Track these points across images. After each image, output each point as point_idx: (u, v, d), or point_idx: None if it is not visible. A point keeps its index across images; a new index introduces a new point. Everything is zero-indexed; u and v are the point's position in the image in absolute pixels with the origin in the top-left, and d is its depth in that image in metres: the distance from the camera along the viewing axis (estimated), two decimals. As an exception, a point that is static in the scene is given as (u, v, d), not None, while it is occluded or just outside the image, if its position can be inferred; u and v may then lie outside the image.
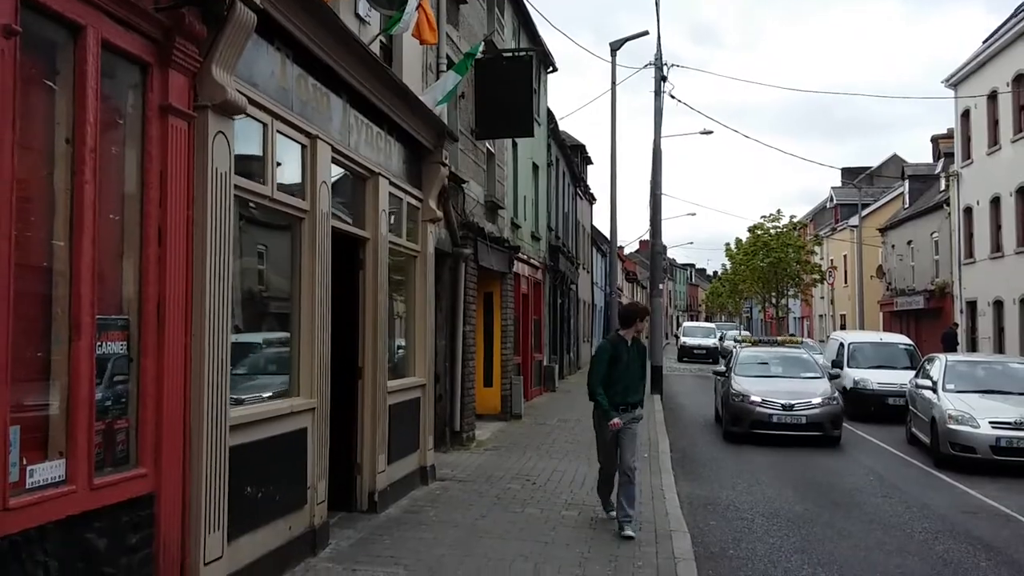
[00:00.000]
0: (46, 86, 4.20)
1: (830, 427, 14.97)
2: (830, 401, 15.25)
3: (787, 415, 14.87)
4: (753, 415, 15.02)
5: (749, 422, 15.04)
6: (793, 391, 15.39)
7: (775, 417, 14.89)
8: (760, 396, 15.17)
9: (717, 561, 7.63)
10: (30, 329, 4.06)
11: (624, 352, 8.29)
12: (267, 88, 6.15)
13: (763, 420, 14.94)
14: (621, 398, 8.16)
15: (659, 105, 25.20)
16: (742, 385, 15.73)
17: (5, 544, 3.74)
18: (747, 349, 19.01)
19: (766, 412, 14.96)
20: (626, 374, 8.24)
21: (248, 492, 5.85)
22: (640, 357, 8.47)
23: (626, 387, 8.23)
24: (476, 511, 8.75)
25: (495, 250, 15.34)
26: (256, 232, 6.84)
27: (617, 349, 8.32)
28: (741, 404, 15.29)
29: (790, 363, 17.51)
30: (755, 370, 16.83)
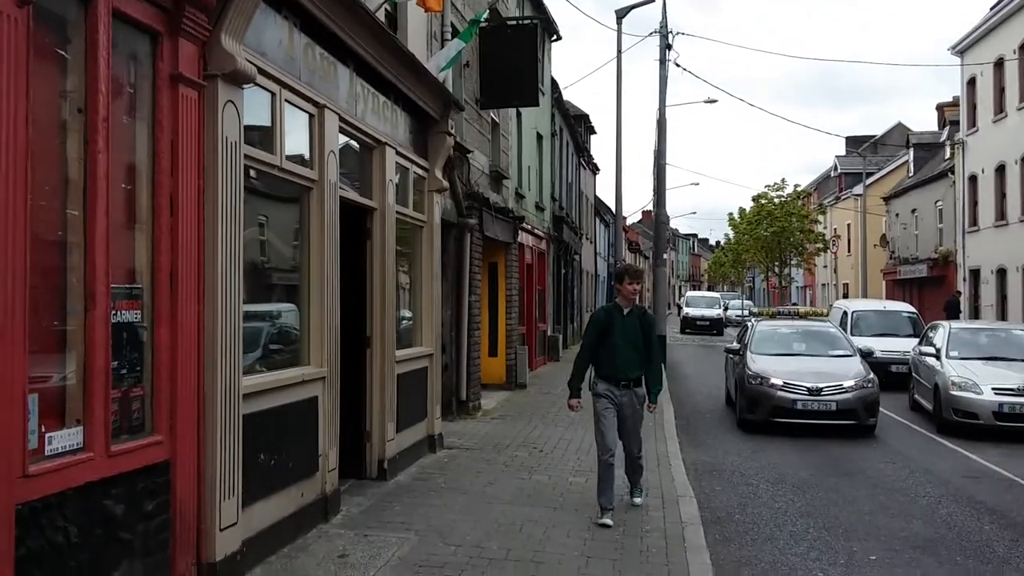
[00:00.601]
0: (58, 55, 4.20)
1: (864, 414, 12.68)
2: (865, 384, 12.87)
3: (814, 401, 12.54)
4: (773, 401, 12.71)
5: (768, 409, 12.75)
6: (820, 372, 13.12)
7: (800, 403, 12.57)
8: (782, 378, 12.83)
9: (723, 525, 7.72)
10: (46, 298, 4.10)
11: (618, 321, 7.47)
12: (275, 57, 6.14)
13: (785, 407, 12.65)
14: (616, 372, 7.41)
15: (664, 74, 25.02)
16: (760, 365, 13.42)
17: (26, 510, 3.79)
18: (765, 323, 16.05)
19: (789, 397, 12.63)
20: (621, 346, 7.40)
21: (261, 459, 5.92)
22: (642, 327, 7.54)
23: (624, 361, 7.41)
24: (484, 478, 8.83)
25: (500, 220, 15.34)
26: (266, 202, 6.86)
27: (610, 317, 7.54)
28: (759, 388, 12.96)
29: (816, 339, 15.04)
30: (775, 347, 14.41)
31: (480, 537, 6.70)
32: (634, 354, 7.45)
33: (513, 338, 17.18)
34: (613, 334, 7.43)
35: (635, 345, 7.45)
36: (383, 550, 6.27)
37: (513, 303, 17.19)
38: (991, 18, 27.67)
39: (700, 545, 6.73)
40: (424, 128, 10.07)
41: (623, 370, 7.42)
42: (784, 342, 14.91)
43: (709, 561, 6.35)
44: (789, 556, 6.87)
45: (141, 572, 4.61)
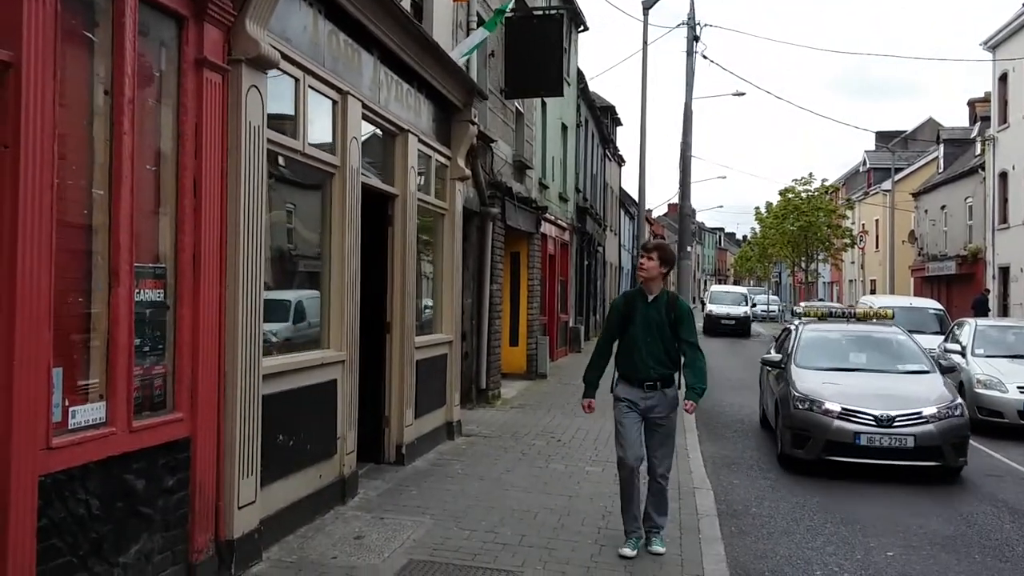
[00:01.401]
0: (87, 39, 4.28)
1: (952, 453, 9.40)
2: (951, 411, 9.58)
3: (883, 434, 9.24)
4: (828, 433, 9.36)
5: (821, 444, 9.38)
6: (890, 395, 9.82)
7: (863, 437, 9.24)
8: (839, 402, 9.54)
9: (740, 518, 7.72)
10: (71, 276, 4.18)
11: (639, 309, 6.24)
12: (299, 43, 6.21)
13: (844, 442, 9.31)
14: (637, 371, 6.21)
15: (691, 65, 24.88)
16: (809, 384, 10.08)
17: (48, 481, 3.89)
18: (812, 327, 12.21)
19: (849, 429, 9.30)
20: (641, 338, 6.19)
21: (280, 440, 6.01)
22: (671, 318, 6.23)
23: (645, 357, 6.17)
24: (502, 465, 8.89)
25: (522, 210, 15.37)
26: (289, 187, 6.94)
27: (630, 305, 6.33)
28: (808, 415, 9.59)
29: (880, 349, 11.51)
30: (827, 360, 11.01)
31: (495, 523, 6.76)
32: (658, 349, 6.18)
33: (534, 328, 17.21)
34: (633, 324, 6.22)
35: (660, 338, 6.19)
36: (398, 533, 6.34)
37: (535, 293, 17.22)
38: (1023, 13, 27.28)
39: (715, 537, 6.75)
40: (447, 116, 10.12)
41: (644, 368, 6.17)
42: (839, 353, 11.40)
43: (723, 552, 6.37)
44: (805, 550, 6.87)
45: (160, 546, 4.71)
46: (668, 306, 6.29)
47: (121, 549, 4.40)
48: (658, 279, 6.29)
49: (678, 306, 6.34)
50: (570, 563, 5.91)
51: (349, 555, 5.84)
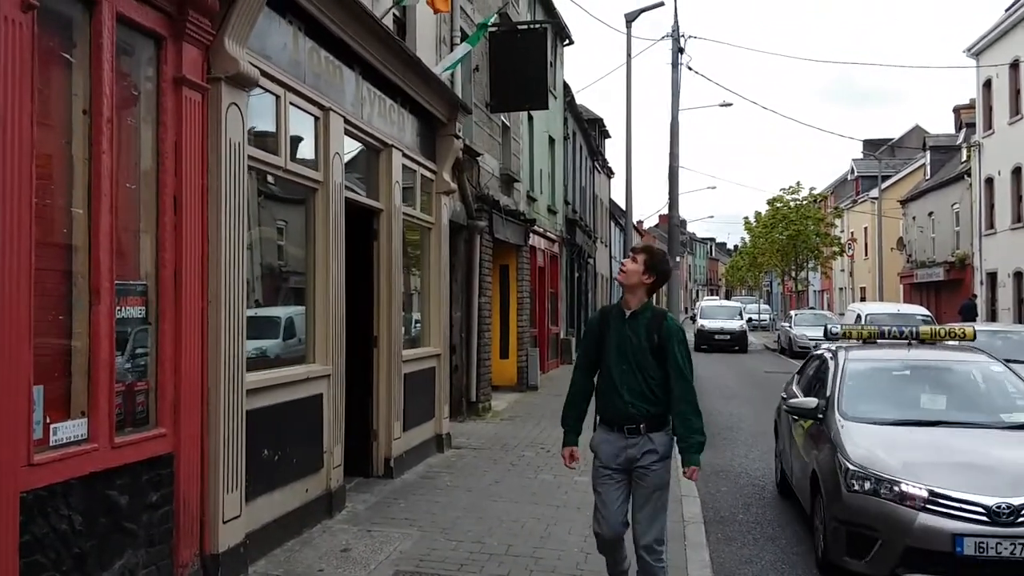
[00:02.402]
0: (63, 59, 4.33)
1: None
2: None
3: (1005, 537, 5.54)
4: (911, 534, 5.73)
5: (898, 552, 5.78)
6: (1004, 466, 6.14)
7: (972, 542, 5.56)
8: (925, 482, 5.85)
9: (726, 525, 7.77)
10: (52, 293, 4.23)
11: (616, 328, 4.87)
12: (280, 61, 6.27)
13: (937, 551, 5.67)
14: (609, 410, 4.86)
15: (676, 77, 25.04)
16: (868, 449, 6.35)
17: (31, 498, 3.91)
18: (858, 354, 8.05)
19: (944, 530, 5.64)
20: (614, 367, 4.81)
21: (265, 454, 6.04)
22: (653, 339, 4.80)
23: (621, 389, 4.78)
24: (490, 477, 8.92)
25: (510, 223, 15.44)
26: (271, 203, 6.98)
27: (606, 322, 4.97)
28: (874, 503, 5.95)
29: (967, 389, 7.69)
30: (888, 406, 7.18)
31: (482, 533, 6.79)
32: (636, 380, 4.77)
33: (525, 340, 17.26)
34: (610, 347, 4.86)
35: (638, 366, 4.77)
36: (385, 545, 6.37)
37: (524, 305, 17.28)
38: (1006, 20, 27.51)
39: (700, 543, 6.79)
40: (432, 131, 10.19)
41: (620, 406, 4.78)
42: (905, 395, 7.50)
43: (708, 559, 6.41)
44: (791, 555, 6.92)
45: (145, 561, 4.73)
46: (651, 325, 4.82)
47: (105, 564, 4.42)
48: (639, 288, 4.85)
49: (664, 327, 4.80)
50: (556, 571, 5.95)
51: (336, 568, 5.87)
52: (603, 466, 4.89)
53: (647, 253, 4.98)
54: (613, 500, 4.86)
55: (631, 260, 4.96)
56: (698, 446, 4.80)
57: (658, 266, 4.92)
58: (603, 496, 4.89)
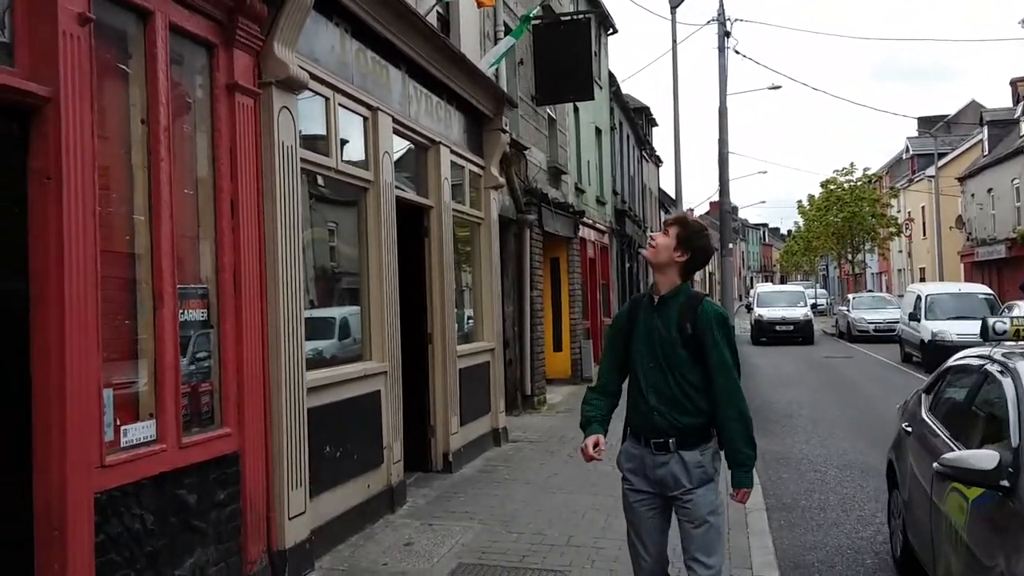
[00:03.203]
0: (120, 70, 4.44)
1: None
2: None
3: None
4: None
5: None
6: None
7: None
8: None
9: (789, 511, 7.69)
10: (117, 299, 4.34)
11: (644, 318, 3.92)
12: (328, 63, 6.35)
13: None
14: (637, 419, 3.91)
15: (723, 62, 24.74)
16: None
17: (104, 498, 4.04)
18: None
19: None
20: (643, 365, 3.87)
21: (327, 451, 6.13)
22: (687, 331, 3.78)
23: (647, 393, 3.84)
24: (548, 469, 8.95)
25: (559, 215, 15.43)
26: (324, 204, 7.08)
27: (635, 311, 4.00)
28: None
29: None
30: None
31: (542, 525, 6.82)
32: (666, 382, 3.80)
33: (577, 332, 17.25)
34: (637, 343, 3.93)
35: (668, 364, 3.80)
36: (447, 538, 6.43)
37: (576, 298, 17.26)
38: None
39: (763, 530, 6.74)
40: (478, 126, 10.23)
41: (646, 414, 3.85)
42: None
43: (771, 546, 6.36)
44: (856, 540, 6.83)
45: (214, 558, 4.84)
46: (683, 312, 3.82)
47: (176, 562, 4.54)
48: (671, 268, 3.88)
49: (699, 313, 3.80)
50: (618, 561, 5.94)
51: (399, 561, 5.94)
52: (631, 488, 3.94)
53: (680, 225, 3.95)
54: (648, 531, 3.90)
55: (662, 234, 3.97)
56: (746, 461, 3.77)
57: (694, 240, 3.88)
58: (635, 526, 3.96)
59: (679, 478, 3.78)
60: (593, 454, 3.85)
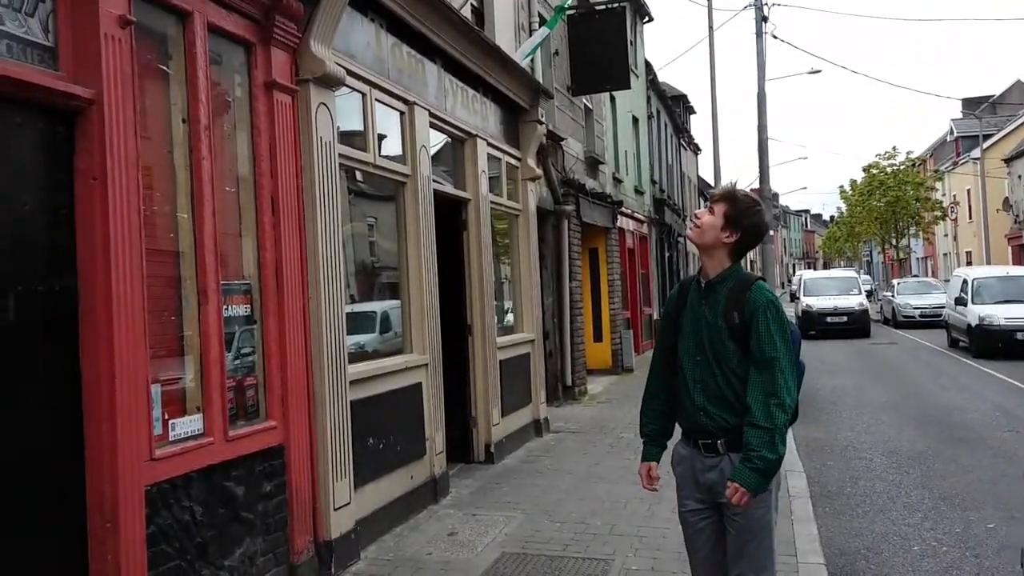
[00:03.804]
0: (161, 71, 4.52)
1: None
2: None
3: None
4: None
5: None
6: None
7: None
8: None
9: (834, 499, 7.63)
10: (162, 296, 4.43)
11: (692, 305, 3.53)
12: (364, 59, 6.40)
13: None
14: (685, 417, 3.55)
15: (761, 47, 24.49)
16: None
17: (154, 491, 4.13)
18: None
19: None
20: (689, 357, 3.50)
21: (370, 443, 6.20)
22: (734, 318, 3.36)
23: (692, 388, 3.47)
24: (590, 459, 8.96)
25: (597, 206, 15.39)
26: (362, 199, 7.15)
27: (683, 298, 3.61)
28: None
29: None
30: None
31: (585, 514, 6.83)
32: (712, 375, 3.42)
33: (617, 323, 17.22)
34: (684, 332, 3.55)
35: (715, 356, 3.41)
36: (491, 528, 6.48)
37: (616, 288, 17.23)
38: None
39: (808, 517, 6.68)
40: (514, 118, 10.24)
41: (692, 412, 3.50)
42: None
43: (816, 533, 6.31)
44: (902, 527, 6.75)
45: (262, 549, 4.93)
46: (731, 298, 3.40)
47: (225, 553, 4.62)
48: (718, 250, 3.47)
49: (749, 299, 3.37)
50: (661, 549, 5.95)
51: (444, 551, 6.00)
52: (682, 497, 3.60)
53: (728, 201, 3.48)
54: (700, 544, 3.56)
55: (707, 212, 3.52)
56: (755, 460, 3.21)
57: (744, 218, 3.44)
58: (687, 537, 3.62)
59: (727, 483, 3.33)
60: (646, 484, 3.74)
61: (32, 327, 3.68)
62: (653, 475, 3.69)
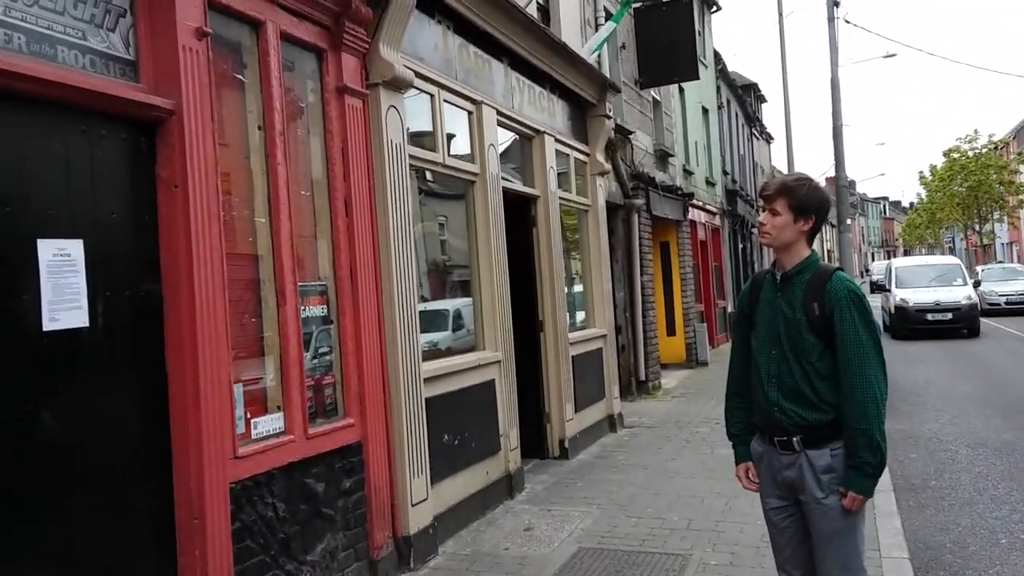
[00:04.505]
0: (237, 80, 4.65)
1: None
2: None
3: None
4: None
5: None
6: None
7: None
8: None
9: (918, 492, 7.45)
10: (243, 298, 4.56)
11: (767, 299, 3.45)
12: (432, 60, 6.48)
13: None
14: (760, 413, 3.46)
15: (833, 32, 23.99)
16: None
17: (238, 488, 4.25)
18: None
19: None
20: (764, 352, 3.42)
21: (446, 439, 6.28)
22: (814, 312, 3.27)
23: (767, 384, 3.39)
24: (665, 454, 8.91)
25: (668, 199, 15.27)
26: (432, 199, 7.24)
27: (757, 292, 3.53)
28: None
29: None
30: None
31: (661, 509, 6.81)
32: (791, 371, 3.33)
33: (691, 316, 17.06)
34: (759, 328, 3.48)
35: (792, 350, 3.32)
36: (566, 523, 6.50)
37: (688, 281, 17.08)
38: None
39: (891, 511, 6.55)
40: (582, 113, 10.23)
41: (767, 408, 3.40)
42: None
43: (900, 526, 6.18)
44: (989, 520, 6.57)
45: (343, 544, 5.04)
46: (809, 290, 3.30)
47: (308, 548, 4.74)
48: (794, 242, 3.37)
49: (829, 291, 3.26)
50: (739, 544, 5.90)
51: (520, 546, 6.04)
52: (764, 496, 3.54)
53: (784, 193, 3.35)
54: (784, 542, 3.49)
55: (769, 213, 3.39)
56: (862, 466, 3.18)
57: (809, 200, 3.34)
58: (772, 535, 3.57)
59: (807, 483, 3.30)
60: (747, 485, 3.65)
61: (120, 331, 3.83)
62: (751, 475, 3.61)
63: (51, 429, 3.48)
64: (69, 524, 3.53)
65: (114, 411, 3.78)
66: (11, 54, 3.40)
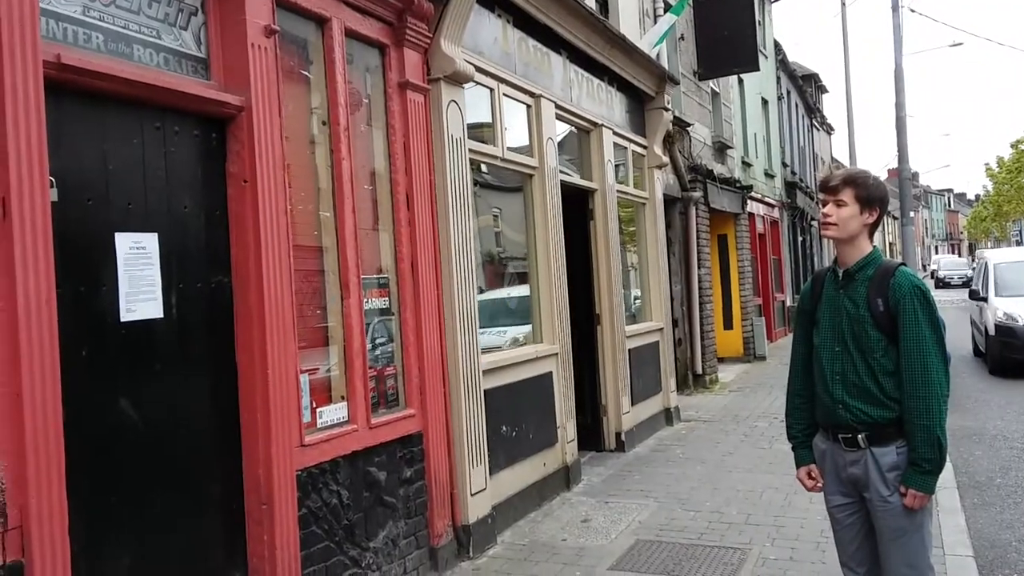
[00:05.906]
0: (303, 76, 4.75)
1: None
2: None
3: None
4: None
5: None
6: None
7: None
8: None
9: (983, 490, 7.32)
10: (308, 291, 4.67)
11: (829, 296, 3.43)
12: (491, 55, 6.53)
13: None
14: (823, 409, 3.45)
15: (897, 21, 23.51)
16: None
17: (304, 475, 4.36)
18: None
19: None
20: (828, 348, 3.39)
21: (504, 431, 6.35)
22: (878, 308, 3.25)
23: (830, 381, 3.37)
24: (723, 448, 8.87)
25: (726, 191, 15.15)
26: (492, 192, 7.30)
27: (819, 289, 3.52)
28: None
29: None
30: None
31: (719, 503, 6.79)
32: (854, 368, 3.31)
33: (748, 310, 16.90)
34: (821, 327, 3.47)
35: (857, 346, 3.30)
36: (624, 515, 6.52)
37: (746, 274, 16.92)
38: None
39: (955, 508, 6.46)
40: (640, 106, 10.20)
41: (830, 405, 3.38)
42: None
43: (964, 524, 6.09)
44: (1058, 519, 6.44)
45: (404, 532, 5.13)
46: (873, 285, 3.29)
47: (371, 535, 4.84)
48: (858, 235, 3.37)
49: (894, 286, 3.24)
50: (799, 539, 5.87)
51: (578, 537, 6.09)
52: (827, 493, 3.51)
53: (852, 184, 3.36)
54: (849, 539, 3.47)
55: (835, 205, 3.36)
56: (921, 463, 3.17)
57: (875, 192, 3.37)
58: (835, 530, 3.55)
59: (872, 480, 3.28)
60: (811, 487, 3.62)
61: (192, 322, 3.95)
62: (814, 475, 3.59)
63: (129, 417, 3.61)
64: (146, 509, 3.66)
65: (186, 399, 3.90)
66: (90, 53, 3.53)
